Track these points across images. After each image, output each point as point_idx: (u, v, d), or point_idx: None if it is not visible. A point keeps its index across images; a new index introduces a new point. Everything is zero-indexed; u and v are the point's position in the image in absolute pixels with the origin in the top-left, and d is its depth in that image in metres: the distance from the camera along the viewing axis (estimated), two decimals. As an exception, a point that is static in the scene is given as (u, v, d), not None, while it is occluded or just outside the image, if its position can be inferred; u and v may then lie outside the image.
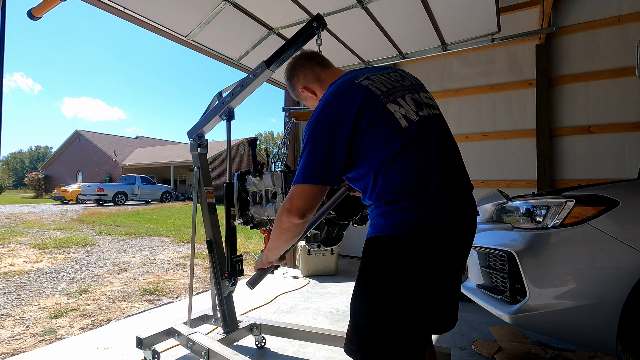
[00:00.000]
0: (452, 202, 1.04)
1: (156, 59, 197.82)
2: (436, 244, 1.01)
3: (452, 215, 1.04)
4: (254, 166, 1.88)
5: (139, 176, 21.51)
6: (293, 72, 1.35)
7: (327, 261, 4.44)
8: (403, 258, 0.99)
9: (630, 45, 3.71)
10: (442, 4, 2.80)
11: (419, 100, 1.12)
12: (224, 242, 2.15)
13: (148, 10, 2.67)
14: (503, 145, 4.40)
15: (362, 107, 1.04)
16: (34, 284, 4.10)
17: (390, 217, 1.02)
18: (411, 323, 1.00)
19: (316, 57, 1.34)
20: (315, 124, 1.07)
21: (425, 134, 1.06)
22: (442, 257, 1.03)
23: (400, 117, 1.04)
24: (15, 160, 75.20)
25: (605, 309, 1.56)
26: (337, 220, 1.69)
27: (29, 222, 10.34)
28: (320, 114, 1.07)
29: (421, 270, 1.00)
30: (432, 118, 1.11)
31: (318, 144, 1.04)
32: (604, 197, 1.65)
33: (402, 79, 1.17)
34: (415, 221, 0.99)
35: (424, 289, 1.00)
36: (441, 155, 1.06)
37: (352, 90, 1.08)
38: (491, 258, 2.08)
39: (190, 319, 2.24)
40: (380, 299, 1.00)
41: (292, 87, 1.37)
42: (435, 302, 1.07)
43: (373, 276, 1.03)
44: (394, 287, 0.99)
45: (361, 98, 1.05)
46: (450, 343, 2.44)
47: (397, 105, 1.06)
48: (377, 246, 1.04)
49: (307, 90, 1.33)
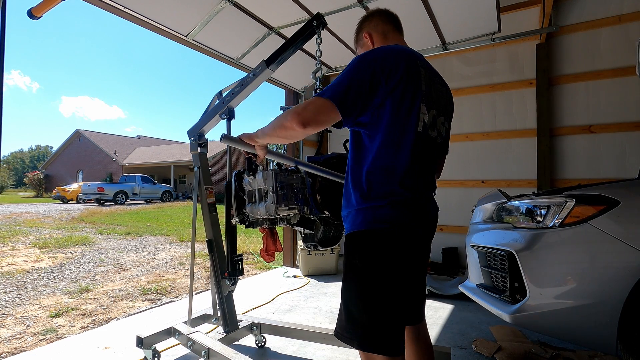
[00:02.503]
0: (422, 201, 1.17)
1: (155, 57, 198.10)
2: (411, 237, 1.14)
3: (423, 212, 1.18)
4: (248, 165, 1.89)
5: (139, 175, 21.50)
6: (370, 16, 1.39)
7: (327, 261, 4.44)
8: (385, 250, 1.10)
9: (631, 45, 3.70)
10: (443, 4, 2.80)
11: (436, 122, 1.22)
12: (224, 242, 2.15)
13: (148, 9, 2.67)
14: (503, 145, 4.39)
15: (407, 83, 1.09)
16: (34, 283, 4.11)
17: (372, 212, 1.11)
18: (396, 311, 1.10)
19: (395, 21, 1.38)
20: (365, 60, 1.09)
21: (423, 150, 1.16)
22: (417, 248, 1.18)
23: (421, 121, 1.14)
24: (16, 159, 75.22)
25: (606, 308, 1.56)
26: (332, 220, 1.69)
27: (29, 222, 10.35)
28: (377, 55, 1.11)
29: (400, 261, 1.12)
30: (434, 142, 1.22)
31: (356, 76, 1.07)
32: (605, 197, 1.64)
33: (441, 97, 1.25)
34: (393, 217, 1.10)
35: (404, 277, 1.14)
36: (422, 172, 1.18)
37: (411, 62, 1.13)
38: (491, 258, 2.08)
39: (191, 319, 2.24)
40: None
41: (360, 27, 1.42)
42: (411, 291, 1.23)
43: (359, 269, 1.14)
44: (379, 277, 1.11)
45: (414, 75, 1.12)
46: (450, 343, 2.44)
47: (425, 111, 1.16)
48: (367, 240, 1.12)
49: (369, 38, 1.36)
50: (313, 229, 1.76)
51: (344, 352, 2.28)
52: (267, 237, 2.00)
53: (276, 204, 1.67)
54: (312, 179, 1.64)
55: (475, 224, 2.38)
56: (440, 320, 2.88)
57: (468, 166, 4.58)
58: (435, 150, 1.23)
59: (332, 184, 1.65)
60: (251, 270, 4.90)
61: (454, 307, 3.21)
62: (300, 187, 1.77)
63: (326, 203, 1.64)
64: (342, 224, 1.78)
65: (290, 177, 1.77)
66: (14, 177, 45.67)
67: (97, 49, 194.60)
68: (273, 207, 1.68)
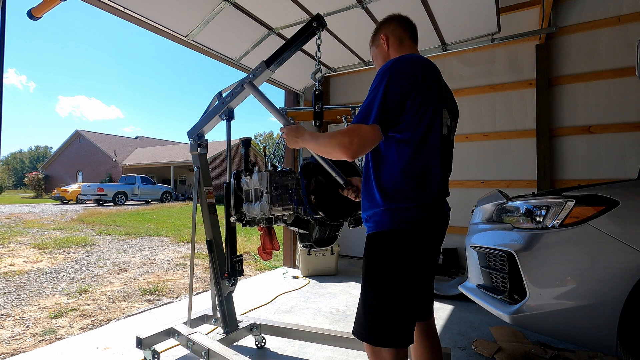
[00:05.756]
0: (442, 202, 1.26)
1: (153, 58, 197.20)
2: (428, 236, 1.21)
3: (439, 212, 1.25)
4: (245, 165, 1.89)
5: (139, 176, 21.49)
6: (390, 20, 1.44)
7: (327, 261, 4.44)
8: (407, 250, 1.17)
9: (631, 45, 3.70)
10: (442, 4, 2.80)
11: (450, 125, 1.32)
12: (224, 242, 2.15)
13: (148, 10, 2.67)
14: (503, 146, 4.40)
15: (431, 90, 1.18)
16: (34, 284, 4.10)
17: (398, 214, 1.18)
18: (415, 306, 1.19)
19: (411, 29, 1.43)
20: (391, 74, 1.15)
21: (445, 152, 1.26)
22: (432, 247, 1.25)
23: (445, 125, 1.25)
24: (15, 160, 75.18)
25: (606, 309, 1.56)
26: (326, 221, 1.69)
27: (29, 222, 10.34)
28: (401, 66, 1.17)
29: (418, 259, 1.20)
30: (451, 144, 1.34)
31: (389, 91, 1.13)
32: (604, 197, 1.64)
33: (449, 99, 1.33)
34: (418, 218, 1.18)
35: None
36: (443, 172, 1.27)
37: (432, 70, 1.22)
38: (491, 258, 2.08)
39: (190, 319, 2.24)
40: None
41: (378, 28, 1.46)
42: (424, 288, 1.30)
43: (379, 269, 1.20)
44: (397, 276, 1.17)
45: (436, 82, 1.21)
46: (450, 343, 2.44)
47: (447, 115, 1.28)
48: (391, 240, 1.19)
49: (385, 41, 1.41)
50: (307, 229, 1.77)
51: (343, 352, 2.28)
52: (264, 235, 2.01)
53: (270, 204, 1.69)
54: (306, 180, 1.65)
55: (475, 224, 2.38)
56: (440, 320, 2.88)
57: (468, 167, 4.58)
58: (451, 151, 1.33)
59: (327, 186, 1.66)
60: (251, 270, 4.90)
61: (453, 307, 3.20)
62: (295, 188, 1.79)
63: (320, 204, 1.65)
64: (337, 225, 1.80)
65: (285, 178, 1.79)
66: (14, 177, 45.60)
67: (94, 48, 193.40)
68: (267, 207, 1.70)
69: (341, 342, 2.13)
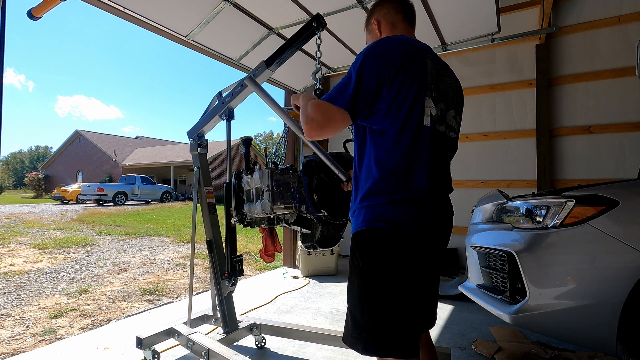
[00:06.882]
0: (430, 199, 1.10)
1: (152, 58, 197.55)
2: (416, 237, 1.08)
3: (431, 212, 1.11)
4: (246, 165, 1.89)
5: (139, 176, 21.50)
6: (382, 2, 1.34)
7: (327, 261, 4.44)
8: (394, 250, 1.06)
9: (630, 45, 3.70)
10: (442, 4, 2.80)
11: (445, 116, 1.16)
12: (224, 242, 2.15)
13: (148, 10, 2.67)
14: (503, 146, 4.40)
15: (407, 74, 1.05)
16: (33, 284, 4.10)
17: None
18: (401, 313, 1.05)
19: (407, 11, 1.33)
20: (369, 56, 1.07)
21: (430, 145, 1.10)
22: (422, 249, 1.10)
23: (427, 115, 1.08)
24: (15, 160, 75.19)
25: (606, 309, 1.56)
26: (329, 220, 1.68)
27: (29, 222, 10.34)
28: (379, 49, 1.07)
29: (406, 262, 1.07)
30: (444, 137, 1.16)
31: (363, 75, 1.04)
32: (604, 197, 1.64)
33: (450, 89, 1.20)
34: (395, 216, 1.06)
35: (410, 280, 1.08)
36: (433, 167, 1.12)
37: (415, 54, 1.09)
38: (491, 258, 2.08)
39: (190, 319, 2.24)
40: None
41: (371, 13, 1.37)
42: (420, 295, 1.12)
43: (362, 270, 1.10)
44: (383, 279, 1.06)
45: (418, 68, 1.08)
46: (450, 343, 2.44)
47: (432, 105, 1.10)
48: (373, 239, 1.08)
49: (377, 25, 1.33)
50: (310, 228, 1.76)
51: (343, 352, 2.28)
52: (266, 237, 2.01)
53: (272, 202, 1.67)
54: (308, 177, 1.64)
55: (475, 224, 2.38)
56: (440, 320, 2.88)
57: (468, 167, 4.58)
58: (447, 145, 1.18)
59: (330, 184, 1.65)
60: (251, 270, 4.90)
61: (453, 307, 3.21)
62: (296, 185, 1.77)
63: (323, 202, 1.64)
64: (340, 224, 1.78)
65: (287, 175, 1.77)
66: (14, 177, 45.59)
67: (93, 48, 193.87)
68: (269, 206, 1.68)
69: (341, 342, 2.12)
